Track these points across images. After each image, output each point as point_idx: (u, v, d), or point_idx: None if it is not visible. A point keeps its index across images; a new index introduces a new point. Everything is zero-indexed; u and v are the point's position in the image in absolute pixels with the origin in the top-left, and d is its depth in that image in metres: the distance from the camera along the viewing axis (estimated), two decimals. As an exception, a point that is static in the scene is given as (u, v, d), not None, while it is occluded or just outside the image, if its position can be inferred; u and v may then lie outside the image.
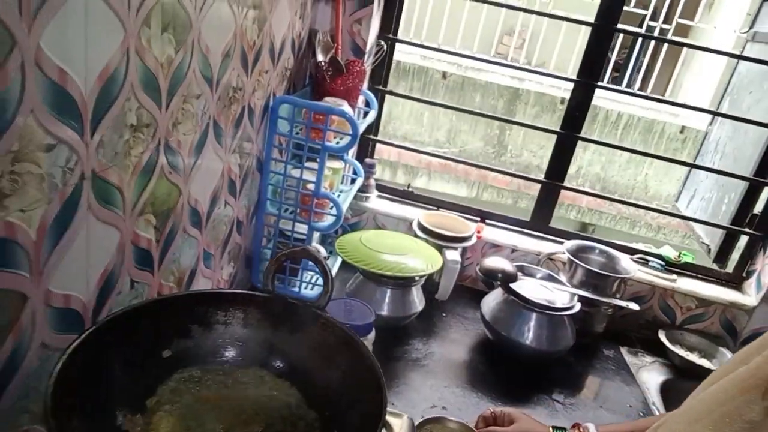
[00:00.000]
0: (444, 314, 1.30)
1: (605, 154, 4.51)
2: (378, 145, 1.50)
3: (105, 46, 0.53)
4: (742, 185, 1.39)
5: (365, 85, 1.32)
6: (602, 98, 4.26)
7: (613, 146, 1.55)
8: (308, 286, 1.19)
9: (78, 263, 0.56)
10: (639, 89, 5.13)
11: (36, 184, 0.48)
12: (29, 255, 0.49)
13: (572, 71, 2.23)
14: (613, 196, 1.63)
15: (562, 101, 4.14)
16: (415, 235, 1.31)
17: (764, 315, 1.33)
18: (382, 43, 1.34)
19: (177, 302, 0.63)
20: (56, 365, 0.47)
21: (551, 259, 1.36)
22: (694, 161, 1.85)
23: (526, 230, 1.47)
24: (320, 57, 1.18)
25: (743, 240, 1.42)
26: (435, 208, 1.47)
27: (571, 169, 1.77)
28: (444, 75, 4.68)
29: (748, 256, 1.39)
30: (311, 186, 1.08)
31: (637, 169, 4.44)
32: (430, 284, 1.28)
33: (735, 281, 1.41)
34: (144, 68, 0.60)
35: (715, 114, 1.62)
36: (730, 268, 1.43)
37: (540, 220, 1.46)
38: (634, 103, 4.36)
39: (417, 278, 1.16)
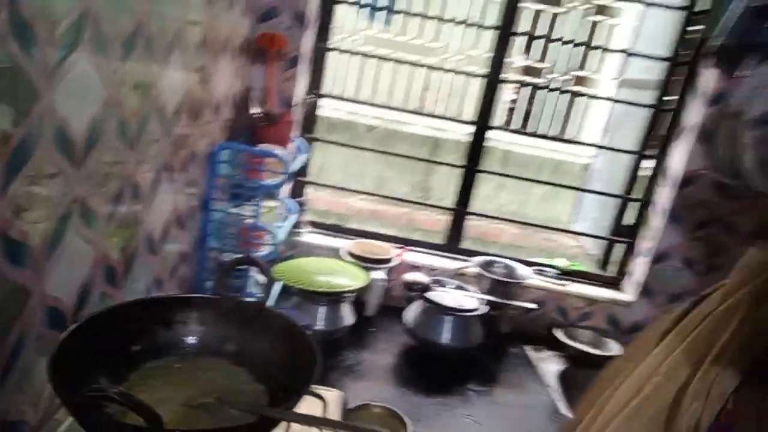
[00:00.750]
0: (373, 329, 1.47)
1: (520, 193, 4.93)
2: (311, 196, 1.69)
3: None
4: (618, 204, 1.68)
5: (296, 133, 1.52)
6: (516, 144, 4.70)
7: (504, 175, 1.81)
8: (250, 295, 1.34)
9: (66, 272, 0.71)
10: (551, 133, 5.65)
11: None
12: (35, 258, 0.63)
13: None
14: (512, 218, 1.88)
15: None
16: (345, 261, 1.49)
17: (641, 308, 1.59)
18: (311, 97, 1.56)
19: (144, 304, 0.77)
20: (55, 348, 0.61)
21: (462, 274, 1.57)
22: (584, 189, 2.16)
23: (441, 252, 1.68)
24: (255, 110, 1.37)
25: (622, 248, 1.70)
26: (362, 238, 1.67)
27: (490, 207, 2.01)
28: (369, 128, 5.01)
29: (624, 261, 1.67)
30: (251, 221, 1.25)
31: (549, 204, 4.85)
32: (361, 304, 1.45)
33: (615, 283, 1.67)
34: (120, 122, 0.77)
35: (597, 146, 1.94)
36: (612, 272, 1.70)
37: (452, 243, 1.69)
38: (544, 146, 4.83)
39: (346, 294, 1.33)
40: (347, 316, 1.36)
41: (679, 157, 1.48)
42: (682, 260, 1.54)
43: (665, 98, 1.55)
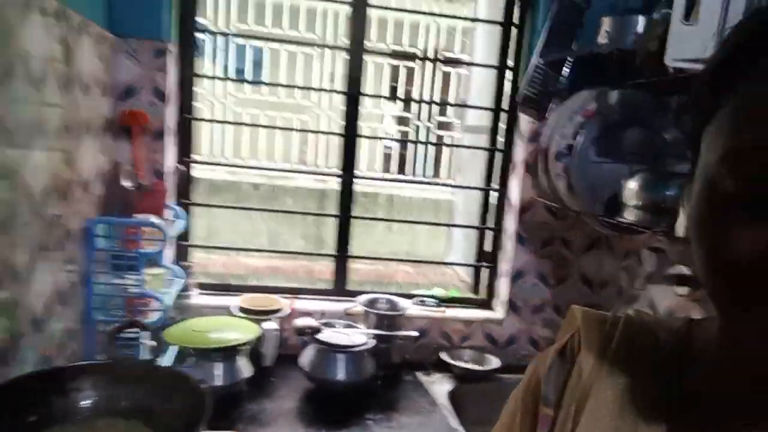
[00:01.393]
0: (273, 378, 1.53)
1: (408, 234, 5.23)
2: (204, 260, 1.74)
3: None
4: (477, 234, 1.91)
5: (171, 200, 1.58)
6: (399, 188, 5.02)
7: (372, 218, 1.99)
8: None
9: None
10: (427, 174, 6.08)
11: None
12: None
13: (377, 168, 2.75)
14: (391, 257, 2.05)
15: (362, 194, 4.77)
16: (236, 316, 1.55)
17: (511, 323, 1.81)
18: (181, 165, 1.63)
19: (37, 376, 0.81)
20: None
21: (350, 314, 1.69)
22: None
23: (329, 297, 1.80)
24: (126, 183, 1.43)
25: (487, 272, 1.92)
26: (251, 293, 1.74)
27: (383, 249, 2.17)
28: (255, 186, 5.07)
29: (491, 283, 1.89)
30: (135, 289, 1.28)
31: (434, 241, 5.18)
32: (258, 356, 1.51)
33: (487, 303, 1.89)
34: (-11, 206, 0.81)
35: (448, 185, 2.18)
36: (482, 294, 1.91)
37: (338, 287, 1.81)
38: (423, 187, 5.19)
39: (239, 347, 1.39)
40: (244, 368, 1.41)
41: (515, 188, 1.75)
42: (536, 276, 1.78)
43: (498, 140, 1.82)
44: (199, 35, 1.65)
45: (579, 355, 0.47)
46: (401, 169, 6.78)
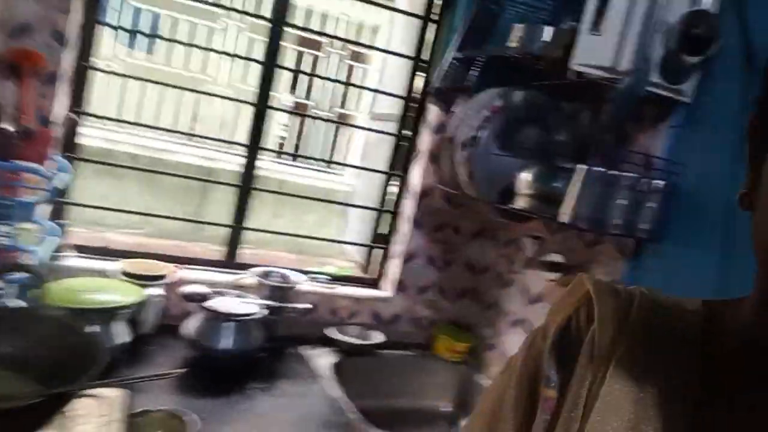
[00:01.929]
0: (152, 346, 1.45)
1: (295, 221, 5.17)
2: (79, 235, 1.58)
3: None
4: (374, 218, 1.96)
5: (56, 152, 1.43)
6: (290, 175, 4.93)
7: (277, 192, 1.96)
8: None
9: None
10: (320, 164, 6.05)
11: None
12: None
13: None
14: (288, 235, 2.04)
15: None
16: (117, 279, 1.45)
17: (398, 301, 1.88)
18: (72, 115, 1.48)
19: None
20: None
21: (241, 286, 1.65)
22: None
23: (219, 268, 1.74)
24: (8, 126, 1.27)
25: (380, 253, 1.97)
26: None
27: (267, 236, 2.12)
28: (132, 157, 4.70)
29: (382, 264, 1.94)
30: (5, 241, 1.15)
31: (322, 230, 5.18)
32: (137, 322, 1.42)
33: (376, 283, 1.94)
34: None
35: (355, 167, 2.21)
36: (373, 274, 1.96)
37: (230, 259, 1.76)
38: (316, 177, 5.16)
39: (118, 311, 1.30)
40: (121, 333, 1.32)
41: (416, 175, 1.82)
42: (426, 258, 1.87)
43: (404, 129, 1.88)
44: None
45: (590, 329, 0.42)
46: (295, 157, 6.70)
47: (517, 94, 1.42)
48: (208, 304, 1.41)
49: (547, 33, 1.31)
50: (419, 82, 1.84)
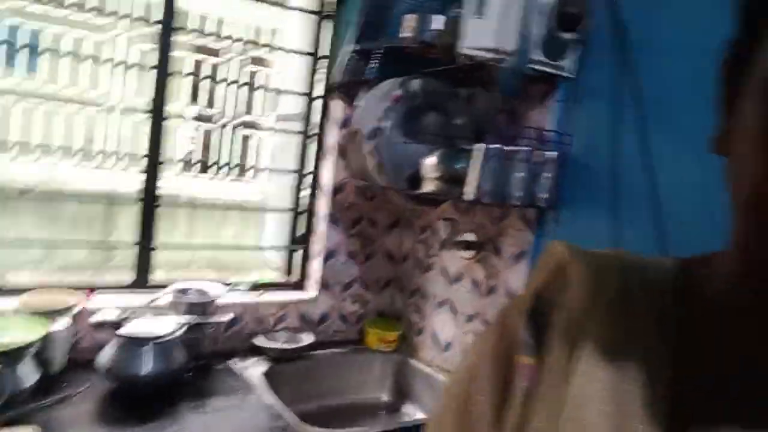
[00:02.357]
0: (64, 383, 1.35)
1: (211, 239, 5.00)
2: None
3: None
4: (290, 221, 1.94)
5: None
6: (201, 192, 4.75)
7: (185, 206, 1.89)
8: None
9: None
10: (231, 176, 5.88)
11: None
12: None
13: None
14: (197, 260, 1.97)
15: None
16: (17, 316, 1.33)
17: (323, 300, 1.87)
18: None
19: None
20: None
21: (156, 307, 1.58)
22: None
23: (131, 290, 1.65)
24: None
25: (300, 255, 1.96)
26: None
27: (184, 257, 2.03)
28: (23, 191, 4.34)
29: (304, 265, 1.93)
30: None
31: (242, 242, 5.04)
32: (44, 361, 1.32)
33: (300, 285, 1.92)
34: None
35: (263, 170, 2.18)
36: (296, 277, 1.94)
37: (141, 280, 1.68)
38: (228, 190, 5.01)
39: (18, 350, 1.20)
40: (29, 374, 1.22)
41: (327, 171, 1.82)
42: (346, 254, 1.88)
43: (310, 126, 1.88)
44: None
45: (567, 293, 0.42)
46: (204, 170, 6.47)
47: (415, 83, 1.46)
48: (122, 330, 1.33)
49: (438, 21, 1.35)
50: (321, 79, 1.85)
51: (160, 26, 1.59)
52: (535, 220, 1.45)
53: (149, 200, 1.66)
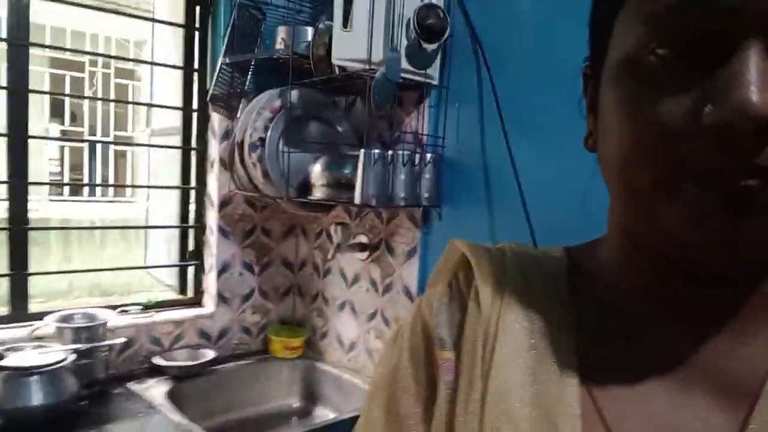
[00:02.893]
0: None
1: (91, 262, 4.67)
2: None
3: None
4: (178, 238, 1.91)
5: None
6: (75, 214, 4.41)
7: (61, 228, 1.79)
8: None
9: None
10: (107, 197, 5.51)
11: None
12: None
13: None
14: (75, 288, 1.87)
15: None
16: None
17: (222, 314, 1.86)
18: None
19: None
20: None
21: (38, 337, 1.49)
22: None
23: (7, 324, 1.54)
24: None
25: (193, 271, 1.93)
26: None
27: (63, 285, 1.90)
28: None
29: (197, 280, 1.91)
30: None
31: (125, 263, 4.77)
32: None
33: (197, 301, 1.90)
34: None
35: (144, 187, 2.11)
36: (190, 293, 1.91)
37: (19, 311, 1.57)
38: (105, 210, 4.70)
39: None
40: None
41: (213, 184, 1.82)
42: (241, 266, 1.88)
43: (190, 140, 1.86)
44: None
45: (471, 289, 0.44)
46: (75, 191, 6.00)
47: (293, 94, 1.52)
48: (4, 362, 1.25)
49: (309, 33, 1.42)
50: (195, 91, 1.83)
51: (11, 43, 1.51)
52: (421, 219, 1.57)
53: (17, 224, 1.56)
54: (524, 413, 0.37)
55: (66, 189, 5.50)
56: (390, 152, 1.40)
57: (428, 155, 1.47)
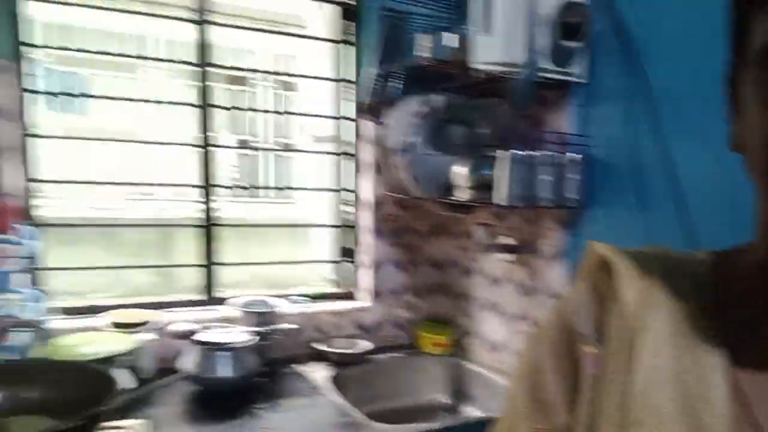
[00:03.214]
0: (154, 390, 1.54)
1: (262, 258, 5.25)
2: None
3: None
4: (337, 237, 2.10)
5: (18, 220, 1.51)
6: (250, 218, 5.01)
7: (242, 225, 2.08)
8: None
9: None
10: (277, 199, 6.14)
11: None
12: None
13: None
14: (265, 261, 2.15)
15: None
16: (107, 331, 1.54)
17: (376, 308, 2.02)
18: (25, 185, 1.58)
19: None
20: None
21: (225, 319, 1.76)
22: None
23: (201, 307, 1.84)
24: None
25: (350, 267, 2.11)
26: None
27: (244, 277, 2.21)
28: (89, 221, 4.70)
29: (354, 276, 2.08)
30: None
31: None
32: (135, 370, 1.51)
33: (353, 295, 2.08)
34: None
35: (304, 189, 2.36)
36: (347, 288, 2.10)
37: (210, 296, 1.87)
38: (276, 213, 5.25)
39: (113, 358, 1.38)
40: (124, 380, 1.41)
41: (367, 187, 1.98)
42: (393, 263, 2.02)
43: (345, 146, 2.05)
44: (31, 55, 1.62)
45: (614, 288, 0.46)
46: (250, 194, 6.77)
47: (437, 99, 1.60)
48: (201, 337, 1.52)
49: (449, 39, 1.48)
50: (349, 100, 2.00)
51: (198, 67, 1.80)
52: (567, 221, 1.54)
53: (207, 222, 1.86)
54: (669, 408, 0.39)
55: (242, 190, 6.21)
56: (533, 153, 1.41)
57: (573, 155, 1.45)
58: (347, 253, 2.10)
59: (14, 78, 1.53)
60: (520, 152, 1.39)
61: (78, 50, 1.75)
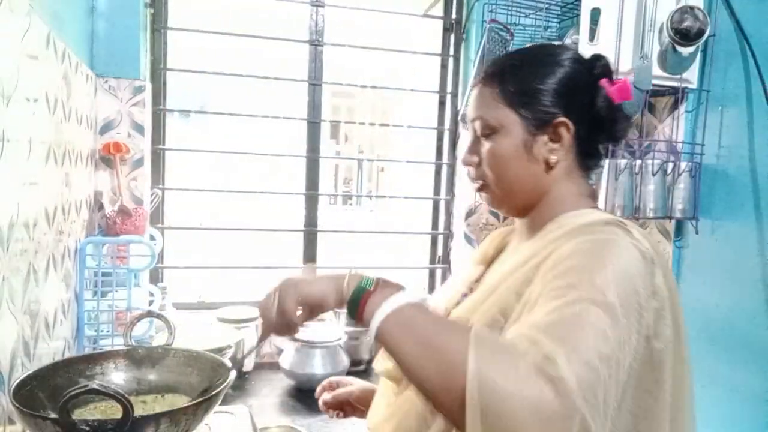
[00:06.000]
0: (253, 382, 1.64)
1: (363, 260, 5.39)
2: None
3: None
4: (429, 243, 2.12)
5: (147, 224, 1.69)
6: (351, 226, 5.18)
7: (341, 231, 2.15)
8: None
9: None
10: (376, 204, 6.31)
11: None
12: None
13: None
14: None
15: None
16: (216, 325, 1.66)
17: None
18: (157, 191, 1.75)
19: (74, 360, 0.91)
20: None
21: (320, 318, 1.83)
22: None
23: (299, 307, 1.93)
24: (108, 208, 1.54)
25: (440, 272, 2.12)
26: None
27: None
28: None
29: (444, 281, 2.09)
30: (123, 305, 1.38)
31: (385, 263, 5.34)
32: (237, 362, 1.62)
33: (442, 302, 2.08)
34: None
35: (402, 197, 2.40)
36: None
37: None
38: (377, 221, 5.39)
39: (221, 350, 1.49)
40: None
41: (461, 196, 1.98)
42: (483, 272, 2.00)
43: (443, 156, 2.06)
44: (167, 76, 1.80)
45: None
46: (348, 202, 7.02)
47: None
48: (298, 336, 1.59)
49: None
50: (447, 111, 2.03)
51: (312, 85, 1.90)
52: (673, 232, 1.46)
53: (311, 228, 1.95)
54: None
55: (338, 199, 6.46)
56: (638, 161, 1.35)
57: (683, 164, 1.37)
58: (439, 260, 2.11)
59: (150, 97, 1.71)
60: (623, 161, 1.34)
61: (203, 72, 1.89)
